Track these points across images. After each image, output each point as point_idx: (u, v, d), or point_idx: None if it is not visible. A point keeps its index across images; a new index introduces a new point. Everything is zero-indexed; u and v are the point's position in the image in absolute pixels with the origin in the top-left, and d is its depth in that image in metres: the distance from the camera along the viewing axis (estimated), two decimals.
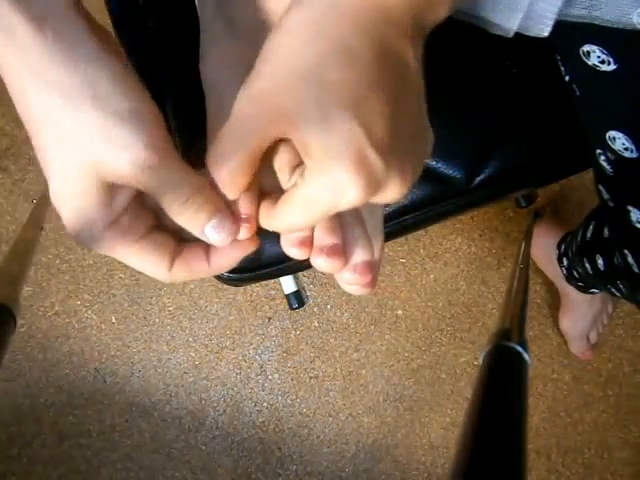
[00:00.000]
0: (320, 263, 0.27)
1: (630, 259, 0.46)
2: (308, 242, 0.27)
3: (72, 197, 0.24)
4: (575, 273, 0.87)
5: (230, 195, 0.26)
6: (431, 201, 0.49)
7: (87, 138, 0.23)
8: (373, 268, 0.29)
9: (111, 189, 0.24)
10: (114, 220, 0.25)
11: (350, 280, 0.28)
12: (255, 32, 0.30)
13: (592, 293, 0.93)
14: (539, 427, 1.08)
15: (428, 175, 0.49)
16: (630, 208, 0.43)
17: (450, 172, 0.48)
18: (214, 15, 0.30)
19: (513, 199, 1.06)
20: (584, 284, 0.89)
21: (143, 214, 0.26)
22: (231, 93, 0.24)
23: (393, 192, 0.24)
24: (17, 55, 0.22)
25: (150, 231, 0.27)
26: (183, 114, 0.45)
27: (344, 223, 0.29)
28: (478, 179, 0.49)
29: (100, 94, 0.22)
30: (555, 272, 0.95)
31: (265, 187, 0.28)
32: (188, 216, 0.25)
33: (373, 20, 0.22)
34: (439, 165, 0.48)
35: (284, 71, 0.22)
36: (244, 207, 0.27)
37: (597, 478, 1.08)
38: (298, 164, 0.25)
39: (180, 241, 0.28)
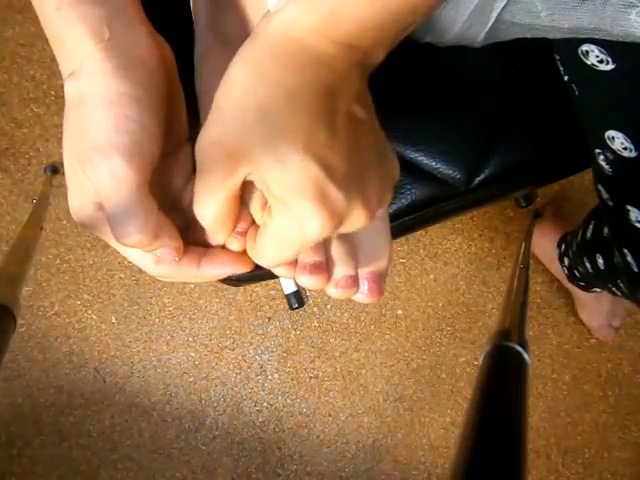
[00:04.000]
0: (304, 281, 0.28)
1: (629, 258, 0.46)
2: (293, 261, 0.28)
3: (69, 175, 0.26)
4: (576, 272, 0.87)
5: (220, 239, 0.27)
6: (431, 201, 0.49)
7: (86, 138, 0.24)
8: (356, 282, 0.29)
9: None
10: (101, 205, 0.26)
11: (334, 295, 0.29)
12: None
13: (594, 292, 0.93)
14: (539, 427, 1.08)
15: (428, 175, 0.49)
16: (629, 207, 0.43)
17: (450, 172, 0.48)
18: (206, 31, 0.31)
19: (513, 199, 1.06)
20: (585, 283, 0.89)
21: None
22: None
23: (358, 221, 0.24)
24: (73, 39, 0.25)
25: None
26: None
27: (327, 240, 0.29)
28: (478, 179, 0.49)
29: (110, 105, 0.24)
30: (559, 271, 0.95)
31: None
32: (133, 245, 0.26)
33: (312, 66, 0.23)
34: (439, 165, 0.48)
35: (233, 119, 0.23)
36: (238, 222, 0.27)
37: (597, 478, 1.08)
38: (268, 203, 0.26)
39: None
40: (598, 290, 0.91)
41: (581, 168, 0.51)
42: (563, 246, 0.91)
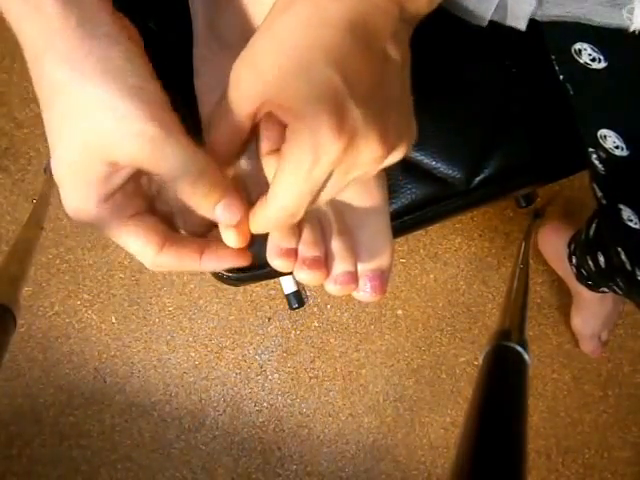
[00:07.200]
0: (302, 276, 0.28)
1: (623, 256, 0.46)
2: (292, 254, 0.28)
3: (72, 169, 0.25)
4: (584, 272, 0.86)
5: (224, 157, 0.26)
6: (431, 201, 0.49)
7: (95, 111, 0.23)
8: (355, 278, 0.29)
9: (112, 165, 0.24)
10: (108, 196, 0.25)
11: (333, 291, 0.29)
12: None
13: (603, 292, 0.91)
14: (539, 427, 1.08)
15: (428, 175, 0.49)
16: (621, 206, 0.43)
17: (450, 172, 0.48)
18: (203, 31, 0.31)
19: (513, 199, 1.06)
20: (593, 283, 0.88)
21: (137, 195, 0.27)
22: None
23: (371, 151, 0.24)
24: (36, 26, 0.24)
25: (142, 213, 0.27)
26: (182, 115, 0.45)
27: (327, 236, 0.29)
28: (478, 179, 0.49)
29: (111, 70, 0.23)
30: (566, 271, 0.94)
31: (252, 199, 0.28)
32: (200, 196, 0.25)
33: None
34: (439, 165, 0.48)
35: (270, 38, 0.24)
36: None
37: (597, 478, 1.08)
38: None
39: (173, 229, 0.28)
40: (606, 290, 0.90)
41: (581, 168, 0.51)
42: (573, 245, 0.90)
